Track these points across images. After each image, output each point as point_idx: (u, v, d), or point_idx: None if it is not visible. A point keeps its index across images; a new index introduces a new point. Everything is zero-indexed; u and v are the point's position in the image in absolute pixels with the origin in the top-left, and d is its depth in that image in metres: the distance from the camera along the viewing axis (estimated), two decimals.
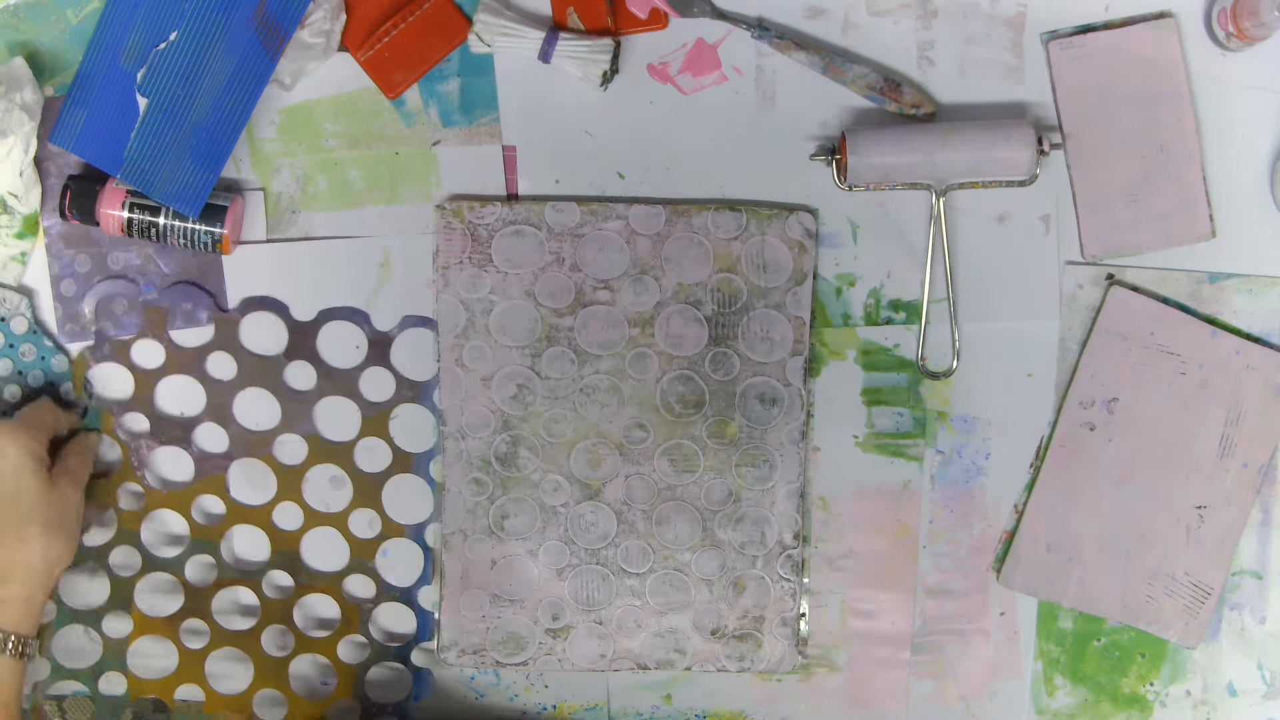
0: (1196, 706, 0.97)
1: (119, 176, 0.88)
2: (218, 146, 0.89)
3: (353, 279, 0.94)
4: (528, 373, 0.93)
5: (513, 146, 0.93)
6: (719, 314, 0.93)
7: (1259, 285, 0.93)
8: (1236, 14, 0.88)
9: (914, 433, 0.95)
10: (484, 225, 0.93)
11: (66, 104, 0.90)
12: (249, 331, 0.94)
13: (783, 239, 0.92)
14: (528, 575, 0.95)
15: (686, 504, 0.94)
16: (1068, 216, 0.93)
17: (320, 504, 0.95)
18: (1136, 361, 0.93)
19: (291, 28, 0.89)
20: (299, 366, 0.94)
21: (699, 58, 0.93)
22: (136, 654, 0.96)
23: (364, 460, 0.95)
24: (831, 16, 0.92)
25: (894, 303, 0.94)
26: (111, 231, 0.90)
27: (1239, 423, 0.93)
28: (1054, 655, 0.96)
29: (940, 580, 0.96)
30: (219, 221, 0.90)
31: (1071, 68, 0.92)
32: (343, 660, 0.96)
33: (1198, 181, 0.92)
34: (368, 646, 0.96)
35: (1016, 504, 0.95)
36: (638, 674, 0.96)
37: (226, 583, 0.95)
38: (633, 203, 0.93)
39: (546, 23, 0.92)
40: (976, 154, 0.90)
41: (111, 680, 0.96)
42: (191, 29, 0.87)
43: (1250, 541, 0.95)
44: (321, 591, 0.96)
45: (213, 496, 0.95)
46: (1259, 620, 0.96)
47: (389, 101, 0.93)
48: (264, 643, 0.96)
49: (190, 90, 0.88)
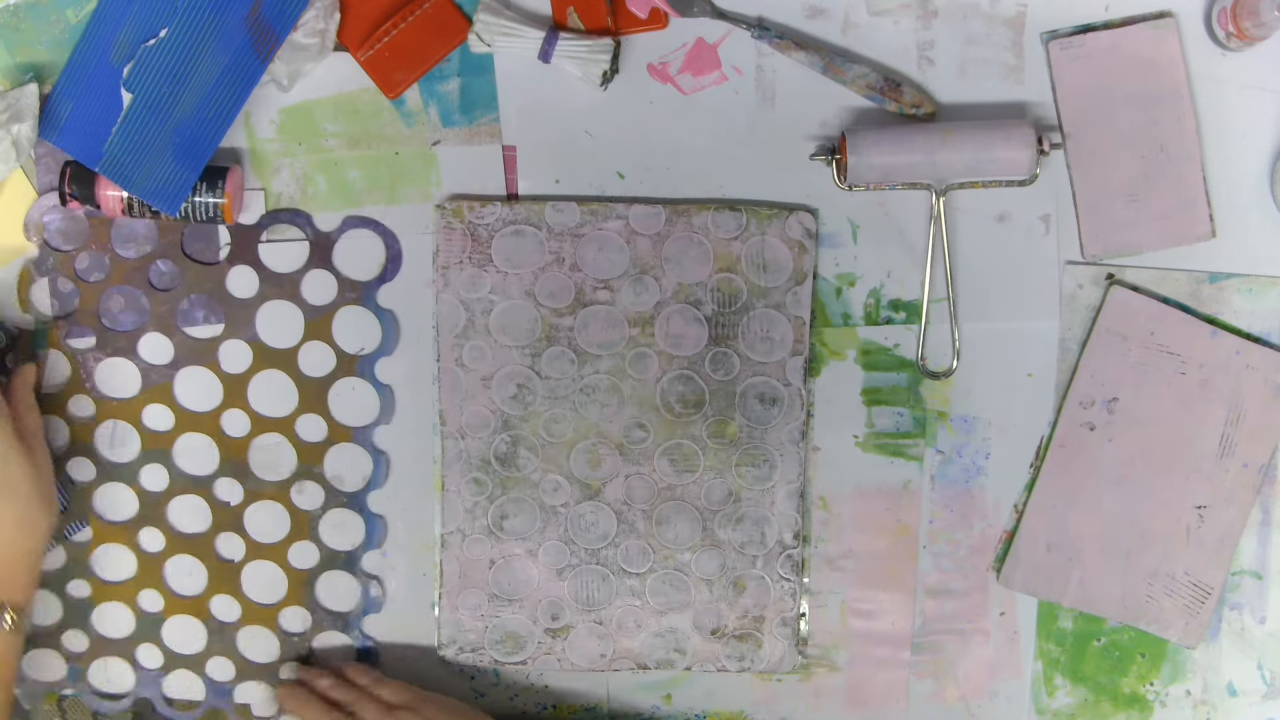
0: (1196, 706, 0.97)
1: (98, 170, 0.88)
2: (200, 146, 0.89)
3: None
4: (528, 373, 0.93)
5: (513, 146, 0.93)
6: (719, 314, 0.93)
7: (1259, 285, 0.93)
8: (1236, 14, 0.88)
9: (914, 433, 0.95)
10: (484, 225, 0.93)
11: (53, 96, 0.90)
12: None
13: (783, 239, 0.92)
14: (527, 575, 0.95)
15: (686, 504, 0.94)
16: (1068, 216, 0.93)
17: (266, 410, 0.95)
18: (1136, 361, 0.93)
19: (285, 31, 0.89)
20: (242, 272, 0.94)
21: (699, 58, 0.93)
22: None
23: (308, 364, 0.95)
24: (831, 16, 0.92)
25: (894, 303, 0.94)
26: (112, 212, 0.90)
27: (1239, 423, 0.93)
28: (1054, 655, 0.96)
29: (940, 580, 0.96)
30: (219, 189, 0.90)
31: (1071, 68, 0.92)
32: (294, 567, 0.96)
33: (1198, 181, 0.92)
34: (317, 553, 0.96)
35: (1016, 504, 0.95)
36: (638, 674, 0.96)
37: (178, 490, 0.96)
38: (633, 203, 0.93)
39: (546, 23, 0.92)
40: (976, 154, 0.90)
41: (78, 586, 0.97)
42: (182, 27, 0.87)
43: (1250, 541, 0.95)
44: (270, 499, 0.96)
45: (160, 406, 0.95)
46: (1259, 620, 0.96)
47: (389, 101, 0.93)
48: (218, 548, 0.96)
49: (177, 88, 0.88)
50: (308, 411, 0.95)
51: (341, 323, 0.94)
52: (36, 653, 0.97)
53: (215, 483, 0.96)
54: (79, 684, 0.98)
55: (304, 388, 0.95)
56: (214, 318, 0.94)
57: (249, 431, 0.95)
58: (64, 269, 0.94)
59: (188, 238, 0.94)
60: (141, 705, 0.98)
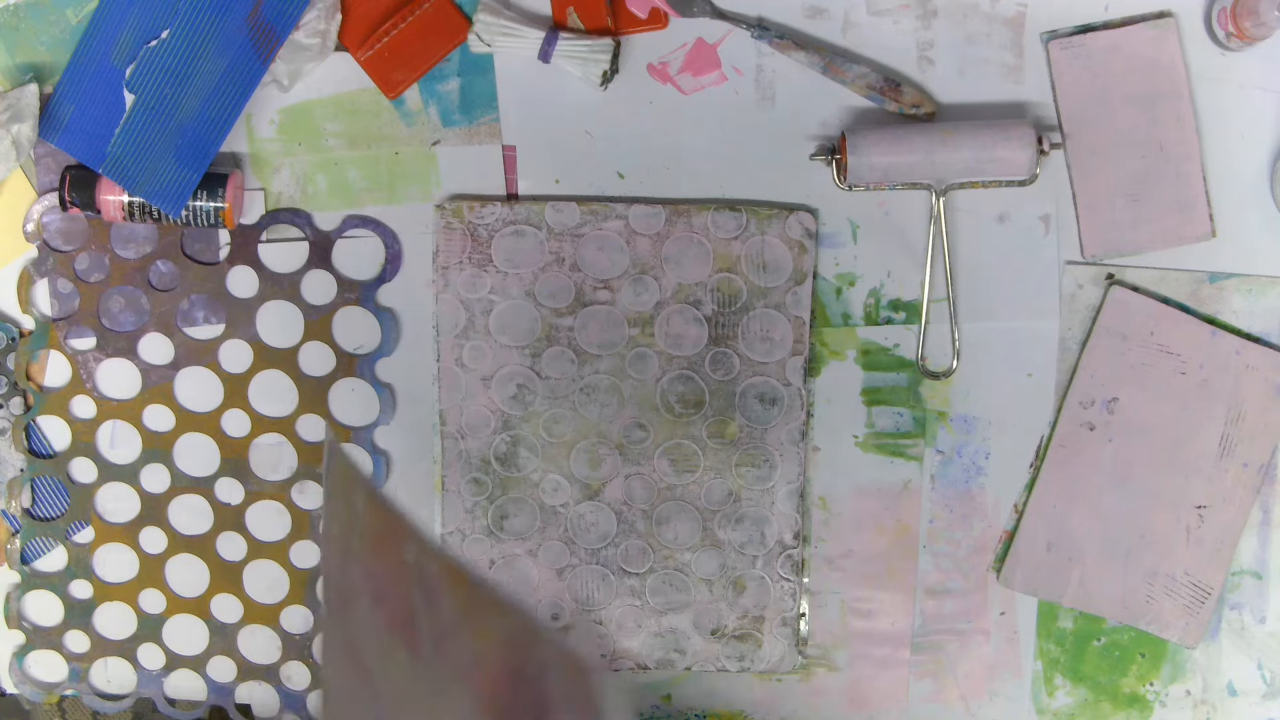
0: (1196, 706, 0.97)
1: (101, 172, 0.88)
2: (203, 146, 0.89)
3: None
4: (528, 373, 0.93)
5: (513, 146, 0.93)
6: (719, 314, 0.93)
7: (1259, 285, 0.93)
8: (1236, 14, 0.88)
9: (914, 433, 0.95)
10: (484, 225, 0.93)
11: (55, 97, 0.90)
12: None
13: (783, 239, 0.92)
14: (527, 575, 0.95)
15: (686, 504, 0.94)
16: (1068, 216, 0.93)
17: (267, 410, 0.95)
18: (1136, 361, 0.93)
19: (285, 32, 0.89)
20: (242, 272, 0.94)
21: (699, 58, 0.93)
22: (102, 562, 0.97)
23: (308, 364, 0.95)
24: (831, 16, 0.92)
25: (894, 303, 0.94)
26: (112, 217, 0.90)
27: (1239, 423, 0.93)
28: (1054, 655, 0.96)
29: (940, 580, 0.96)
30: (220, 195, 0.90)
31: (1071, 68, 0.92)
32: (295, 567, 0.96)
33: (1198, 181, 0.92)
34: (319, 553, 0.96)
35: (1016, 504, 0.95)
36: (638, 674, 0.97)
37: (180, 490, 0.96)
38: (633, 203, 0.93)
39: (546, 22, 0.92)
40: (976, 154, 0.90)
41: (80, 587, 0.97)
42: (184, 28, 0.87)
43: (1250, 541, 0.95)
44: (271, 499, 0.96)
45: (160, 406, 0.95)
46: (1259, 620, 0.96)
47: (389, 101, 0.93)
48: (219, 548, 0.96)
49: (178, 89, 0.88)
50: (308, 411, 0.95)
51: (341, 323, 0.94)
52: (38, 653, 0.97)
53: (216, 483, 0.96)
54: (80, 684, 0.98)
55: (304, 388, 0.95)
56: (214, 318, 0.94)
57: (249, 431, 0.95)
58: (64, 270, 0.94)
59: (188, 238, 0.94)
60: (142, 705, 0.98)
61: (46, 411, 0.95)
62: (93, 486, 0.96)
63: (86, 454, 0.95)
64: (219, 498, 0.96)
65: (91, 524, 0.96)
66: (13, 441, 0.95)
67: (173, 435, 0.95)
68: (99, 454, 0.95)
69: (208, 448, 0.95)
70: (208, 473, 0.96)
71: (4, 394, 0.94)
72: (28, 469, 0.95)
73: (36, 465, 0.95)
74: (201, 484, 0.96)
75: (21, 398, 0.95)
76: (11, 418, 0.95)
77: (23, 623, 0.97)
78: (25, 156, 0.89)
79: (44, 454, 0.95)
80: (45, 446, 0.96)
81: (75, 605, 0.97)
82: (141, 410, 0.95)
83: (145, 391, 0.95)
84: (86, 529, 0.96)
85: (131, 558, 0.96)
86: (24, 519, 0.95)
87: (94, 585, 0.97)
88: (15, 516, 0.96)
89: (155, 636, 0.97)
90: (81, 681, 0.98)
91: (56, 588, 0.97)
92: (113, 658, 0.97)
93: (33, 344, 0.94)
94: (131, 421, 0.95)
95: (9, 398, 0.94)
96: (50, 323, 0.94)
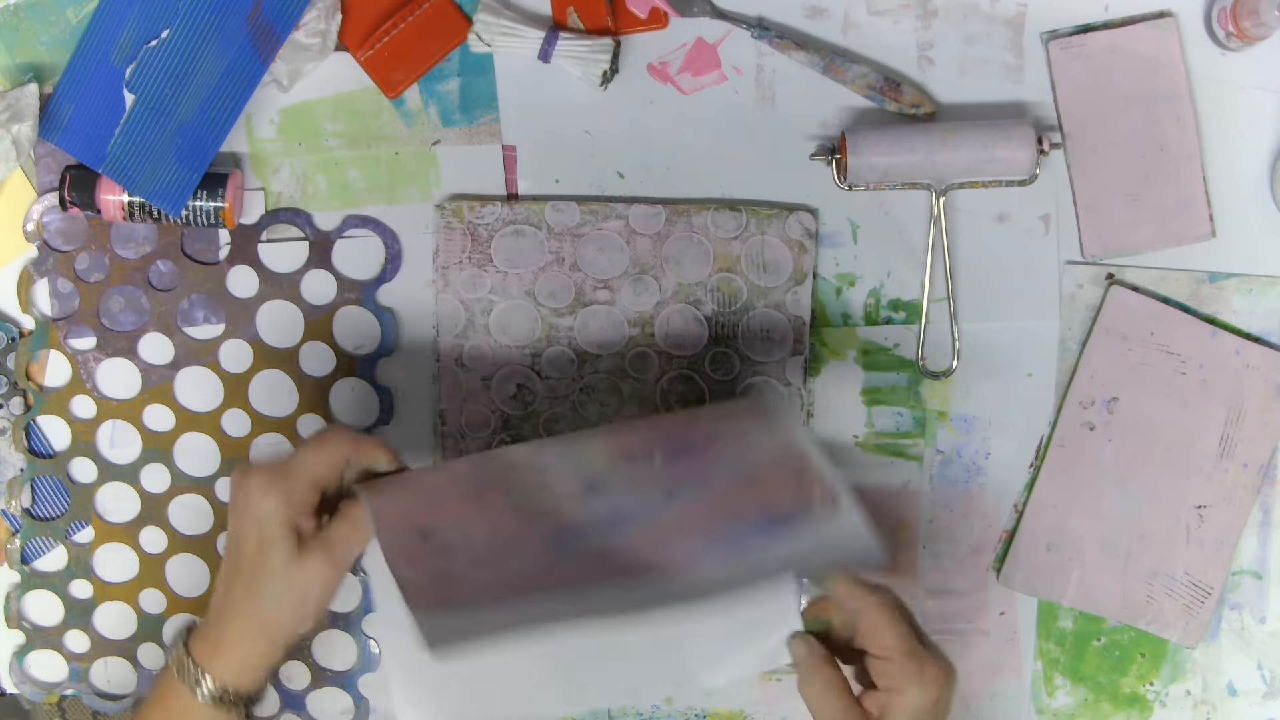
0: (1196, 706, 0.97)
1: (101, 172, 0.88)
2: (203, 146, 0.89)
3: None
4: (528, 373, 0.93)
5: (513, 146, 0.93)
6: (719, 314, 0.93)
7: (1259, 285, 0.93)
8: (1236, 14, 0.88)
9: (914, 432, 0.95)
10: (484, 225, 0.93)
11: (55, 97, 0.90)
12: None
13: (783, 239, 0.92)
14: None
15: None
16: (1068, 216, 0.93)
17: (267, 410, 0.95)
18: (1136, 361, 0.93)
19: (285, 32, 0.89)
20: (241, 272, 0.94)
21: (699, 57, 0.93)
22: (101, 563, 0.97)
23: (308, 364, 0.95)
24: (831, 16, 0.92)
25: (894, 302, 0.94)
26: (112, 218, 0.90)
27: (1239, 423, 0.93)
28: (1054, 655, 0.96)
29: (940, 580, 0.96)
30: (220, 195, 0.90)
31: (1071, 67, 0.92)
32: None
33: (1198, 181, 0.92)
34: None
35: (1016, 504, 0.95)
36: None
37: (180, 490, 0.96)
38: (633, 203, 0.93)
39: (546, 22, 0.92)
40: (976, 154, 0.90)
41: (80, 587, 0.97)
42: (184, 28, 0.87)
43: (1250, 541, 0.95)
44: None
45: (160, 406, 0.95)
46: (1259, 620, 0.96)
47: (389, 101, 0.93)
48: (219, 548, 0.96)
49: (178, 89, 0.88)
50: (308, 411, 0.95)
51: (341, 323, 0.94)
52: (38, 653, 0.97)
53: (216, 483, 0.96)
54: (80, 684, 0.98)
55: (304, 388, 0.95)
56: (214, 318, 0.94)
57: (250, 431, 0.95)
58: (64, 269, 0.94)
59: (188, 238, 0.94)
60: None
61: (46, 411, 0.95)
62: (93, 486, 0.96)
63: (86, 454, 0.95)
64: (219, 498, 0.96)
65: (91, 524, 0.96)
66: (13, 441, 0.95)
67: (173, 435, 0.95)
68: (99, 454, 0.95)
69: (208, 448, 0.95)
70: (208, 473, 0.96)
71: (4, 394, 0.94)
72: (28, 469, 0.95)
73: (36, 465, 0.95)
74: (201, 484, 0.96)
75: (21, 397, 0.95)
76: (11, 418, 0.95)
77: (23, 623, 0.97)
78: (25, 156, 0.89)
79: (44, 454, 0.95)
80: (45, 446, 0.96)
81: (75, 605, 0.97)
82: (141, 410, 0.95)
83: (145, 391, 0.95)
84: (86, 529, 0.96)
85: (131, 558, 0.97)
86: (24, 519, 0.95)
87: (94, 585, 0.97)
88: (15, 516, 0.96)
89: (155, 636, 0.97)
90: (81, 681, 0.98)
91: (56, 588, 0.97)
92: (113, 658, 0.98)
93: (33, 344, 0.94)
94: (131, 421, 0.95)
95: (9, 398, 0.94)
96: (50, 322, 0.94)
